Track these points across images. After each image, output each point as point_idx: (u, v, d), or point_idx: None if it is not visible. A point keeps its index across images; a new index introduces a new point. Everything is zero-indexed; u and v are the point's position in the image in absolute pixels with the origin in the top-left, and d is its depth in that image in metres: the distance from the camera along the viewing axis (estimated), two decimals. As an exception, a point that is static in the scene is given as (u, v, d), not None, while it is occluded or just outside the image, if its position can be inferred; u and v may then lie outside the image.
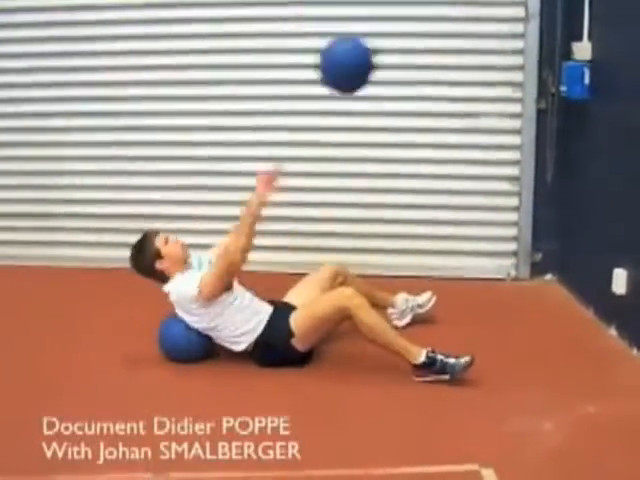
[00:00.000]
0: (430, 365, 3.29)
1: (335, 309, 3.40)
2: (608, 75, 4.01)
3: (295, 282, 3.83)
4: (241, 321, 3.48)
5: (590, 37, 4.15)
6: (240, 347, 3.51)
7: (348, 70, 3.23)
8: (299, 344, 3.45)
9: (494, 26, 4.65)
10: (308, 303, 3.54)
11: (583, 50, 4.17)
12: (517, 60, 4.65)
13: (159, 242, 3.57)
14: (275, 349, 3.46)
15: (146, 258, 3.55)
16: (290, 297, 3.73)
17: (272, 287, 3.78)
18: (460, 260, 4.85)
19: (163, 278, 3.55)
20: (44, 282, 4.67)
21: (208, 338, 3.55)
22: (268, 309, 3.56)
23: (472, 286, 4.67)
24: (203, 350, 3.56)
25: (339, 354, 3.60)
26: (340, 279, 3.79)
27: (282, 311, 3.54)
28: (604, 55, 4.06)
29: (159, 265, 3.53)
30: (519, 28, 4.61)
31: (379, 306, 3.76)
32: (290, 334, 3.44)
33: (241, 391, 3.23)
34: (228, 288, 3.46)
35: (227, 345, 3.53)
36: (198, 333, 3.53)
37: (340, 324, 3.46)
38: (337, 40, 3.33)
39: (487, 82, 4.70)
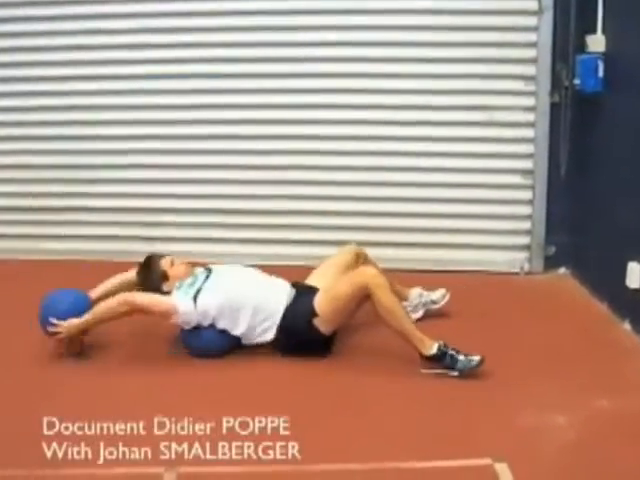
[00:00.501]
0: (440, 358, 3.30)
1: (357, 286, 3.38)
2: (622, 68, 3.98)
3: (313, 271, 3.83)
4: (257, 310, 3.48)
5: (604, 30, 4.13)
6: (271, 335, 3.51)
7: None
8: (323, 325, 3.45)
9: (507, 19, 4.62)
10: (331, 284, 3.54)
11: (597, 42, 4.15)
12: (530, 53, 4.62)
13: (165, 264, 3.61)
14: (298, 331, 3.46)
15: (153, 281, 3.58)
16: (312, 280, 3.73)
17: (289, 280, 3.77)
18: (473, 254, 4.84)
19: None
20: (49, 277, 4.63)
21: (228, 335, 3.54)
22: (288, 289, 3.57)
23: (485, 280, 4.66)
24: (226, 345, 3.55)
25: (346, 348, 3.60)
26: (361, 261, 3.79)
27: (305, 292, 3.55)
28: (618, 48, 4.04)
29: (166, 288, 3.56)
30: (532, 21, 4.58)
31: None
32: (313, 314, 3.44)
33: (241, 390, 3.22)
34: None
35: (257, 339, 3.53)
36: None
37: (362, 304, 3.44)
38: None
39: (500, 75, 4.68)
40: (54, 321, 3.43)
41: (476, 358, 3.27)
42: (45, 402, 3.06)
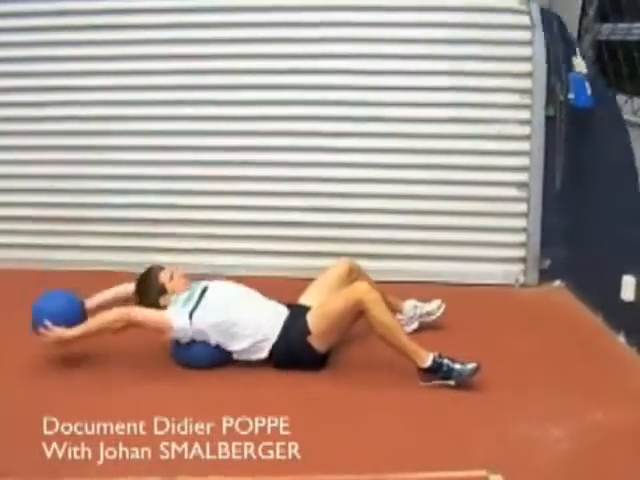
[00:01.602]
0: (436, 370, 3.30)
1: (350, 303, 3.38)
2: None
3: (307, 287, 3.81)
4: (253, 331, 3.47)
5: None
6: (264, 354, 3.49)
7: None
8: (317, 343, 3.44)
9: (502, 33, 4.66)
10: (324, 301, 3.53)
11: (580, 64, 4.20)
12: (526, 67, 4.65)
13: (164, 277, 3.60)
14: (293, 350, 3.45)
15: (151, 294, 3.58)
16: (306, 297, 3.72)
17: (284, 293, 3.77)
18: (468, 266, 4.84)
19: None
20: (53, 285, 4.67)
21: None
22: (283, 311, 3.57)
23: (480, 292, 4.66)
24: (219, 358, 3.53)
25: (344, 358, 3.60)
26: (354, 276, 3.77)
27: (298, 312, 3.54)
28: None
29: (163, 301, 3.56)
30: (527, 35, 4.61)
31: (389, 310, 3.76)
32: (307, 332, 3.43)
33: (241, 391, 3.23)
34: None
35: (250, 356, 3.50)
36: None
37: (356, 320, 3.45)
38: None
39: (496, 88, 4.70)
40: (48, 325, 3.39)
41: (471, 366, 3.28)
42: (45, 402, 3.06)
